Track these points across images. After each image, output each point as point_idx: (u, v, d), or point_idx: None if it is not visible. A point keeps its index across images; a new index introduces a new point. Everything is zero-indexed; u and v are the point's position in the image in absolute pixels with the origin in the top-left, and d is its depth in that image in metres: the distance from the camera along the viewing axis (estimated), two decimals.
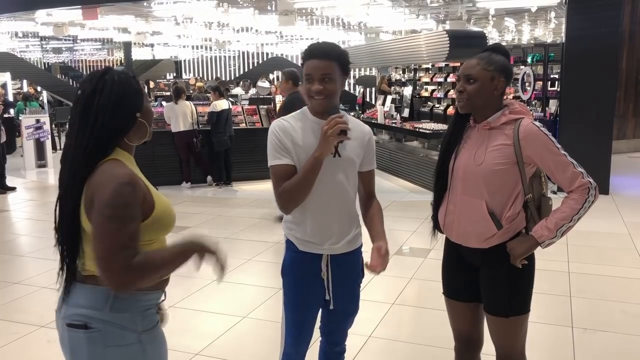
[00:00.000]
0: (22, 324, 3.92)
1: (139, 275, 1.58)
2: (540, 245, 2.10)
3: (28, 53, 27.02)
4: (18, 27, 15.60)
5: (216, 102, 8.79)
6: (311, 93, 2.15)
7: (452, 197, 2.23)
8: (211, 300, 4.44)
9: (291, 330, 2.35)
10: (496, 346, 2.27)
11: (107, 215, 1.55)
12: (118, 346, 1.64)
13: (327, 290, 2.26)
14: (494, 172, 2.11)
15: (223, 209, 7.60)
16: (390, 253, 2.21)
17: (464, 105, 2.18)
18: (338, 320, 2.39)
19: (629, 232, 6.08)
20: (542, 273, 4.68)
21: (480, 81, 2.12)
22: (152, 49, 25.51)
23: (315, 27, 16.11)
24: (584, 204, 2.07)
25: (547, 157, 2.10)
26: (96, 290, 1.64)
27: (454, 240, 2.27)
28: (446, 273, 2.38)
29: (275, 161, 2.16)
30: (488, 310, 2.22)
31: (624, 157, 10.68)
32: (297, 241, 2.25)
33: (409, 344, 3.66)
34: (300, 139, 2.17)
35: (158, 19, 14.45)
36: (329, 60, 2.12)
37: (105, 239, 1.55)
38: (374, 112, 10.90)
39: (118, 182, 1.57)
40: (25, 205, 8.23)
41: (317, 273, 2.25)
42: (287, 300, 2.33)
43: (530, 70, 9.33)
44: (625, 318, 3.99)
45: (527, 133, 2.09)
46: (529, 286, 2.21)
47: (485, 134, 2.17)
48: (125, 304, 1.65)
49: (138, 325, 1.67)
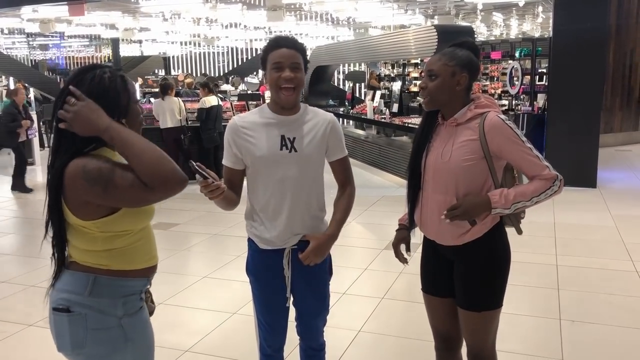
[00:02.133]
0: (9, 323, 3.89)
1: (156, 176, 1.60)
2: (491, 210, 2.07)
3: (14, 50, 26.75)
4: (4, 23, 15.46)
5: (205, 98, 8.75)
6: (280, 82, 2.09)
7: (424, 196, 2.23)
8: (201, 296, 4.44)
9: (263, 328, 2.34)
10: (467, 341, 2.28)
11: (90, 184, 1.60)
12: (98, 330, 1.69)
13: (287, 287, 2.25)
14: (462, 168, 2.10)
15: (212, 206, 7.48)
16: (380, 247, 2.23)
17: (426, 102, 2.18)
18: (305, 320, 2.38)
19: (615, 224, 6.14)
20: (529, 266, 4.75)
21: (441, 77, 2.11)
22: (140, 45, 25.36)
23: (304, 23, 16.09)
24: (547, 191, 2.06)
25: (512, 149, 2.08)
26: (77, 275, 1.72)
27: (430, 237, 2.28)
28: (423, 268, 2.39)
29: (225, 161, 2.28)
30: (461, 304, 2.22)
31: (611, 151, 10.77)
32: (256, 239, 2.29)
33: (399, 338, 3.67)
34: (255, 135, 2.17)
35: (146, 15, 14.35)
36: (296, 50, 2.12)
37: (116, 193, 1.60)
38: (364, 108, 10.90)
39: (84, 165, 1.62)
40: (12, 203, 8.16)
41: (280, 271, 2.25)
42: (255, 300, 2.34)
43: (518, 64, 9.37)
44: (612, 309, 4.03)
45: (491, 126, 2.08)
46: (502, 281, 2.20)
47: (452, 130, 2.16)
48: (104, 289, 1.71)
49: (118, 309, 1.72)
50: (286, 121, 2.19)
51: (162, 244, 1.91)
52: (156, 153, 1.61)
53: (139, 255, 1.79)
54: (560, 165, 2.32)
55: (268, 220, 2.24)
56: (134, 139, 1.62)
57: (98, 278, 1.71)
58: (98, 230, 1.68)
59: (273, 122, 2.18)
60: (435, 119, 2.26)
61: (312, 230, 2.26)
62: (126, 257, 1.75)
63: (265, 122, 2.19)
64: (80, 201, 1.65)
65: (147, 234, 1.82)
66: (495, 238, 2.18)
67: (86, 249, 1.72)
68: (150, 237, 1.85)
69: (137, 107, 1.79)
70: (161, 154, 1.62)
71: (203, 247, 5.87)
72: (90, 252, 1.72)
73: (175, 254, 5.47)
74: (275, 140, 2.17)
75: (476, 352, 2.26)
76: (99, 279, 1.71)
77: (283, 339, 2.38)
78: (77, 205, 1.66)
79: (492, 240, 2.17)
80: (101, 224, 1.68)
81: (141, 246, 1.79)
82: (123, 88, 1.73)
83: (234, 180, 2.29)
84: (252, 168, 2.23)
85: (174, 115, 8.76)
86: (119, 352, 1.73)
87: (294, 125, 2.20)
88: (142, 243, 1.79)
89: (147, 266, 1.82)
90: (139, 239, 1.78)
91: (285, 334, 2.39)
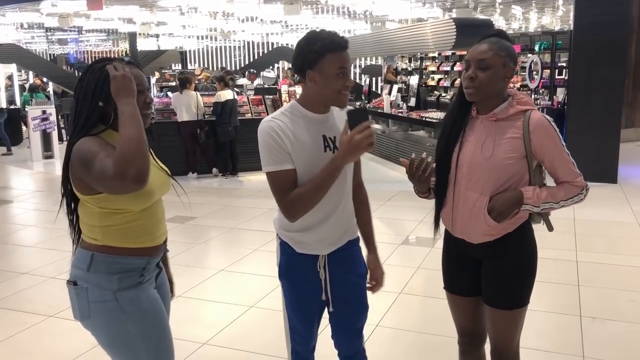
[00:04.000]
0: (30, 314, 3.94)
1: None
2: (522, 205, 2.04)
3: (34, 44, 27.03)
4: (23, 18, 15.60)
5: (220, 92, 8.77)
6: (343, 88, 1.99)
7: (456, 192, 2.15)
8: (218, 289, 4.45)
9: (297, 332, 2.25)
10: (492, 339, 2.24)
11: (80, 162, 1.74)
12: (98, 302, 1.85)
13: (324, 290, 2.17)
14: (504, 166, 2.05)
15: (229, 200, 7.61)
16: (397, 242, 2.21)
17: (473, 93, 2.06)
18: (347, 327, 2.26)
19: (637, 220, 6.05)
20: (550, 262, 4.70)
21: (494, 68, 2.02)
22: (157, 40, 25.45)
23: (320, 16, 16.03)
24: (574, 197, 2.07)
25: (553, 151, 2.04)
26: (81, 252, 1.90)
27: (457, 235, 2.20)
28: (447, 267, 2.32)
29: (275, 167, 1.98)
30: (488, 302, 2.18)
31: (632, 146, 10.60)
32: (295, 243, 2.14)
33: (416, 333, 3.66)
34: (298, 138, 2.01)
35: (163, 9, 14.40)
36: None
37: (93, 175, 1.71)
38: (380, 102, 10.85)
39: (82, 143, 1.78)
40: (32, 196, 8.27)
41: (315, 274, 2.16)
42: (289, 304, 2.23)
43: (537, 58, 9.26)
44: (633, 307, 3.97)
45: (538, 125, 2.03)
46: (530, 279, 2.16)
47: (491, 125, 2.09)
48: (100, 266, 1.85)
49: (113, 285, 1.85)
50: (323, 120, 2.08)
51: (179, 237, 1.94)
52: (137, 147, 1.67)
53: (133, 234, 1.87)
54: (581, 160, 2.29)
55: (309, 224, 2.09)
56: (133, 124, 1.72)
57: (95, 255, 1.85)
58: (96, 205, 1.82)
59: (312, 123, 2.04)
60: (468, 112, 2.16)
61: (352, 234, 2.22)
62: (120, 235, 1.85)
63: (305, 123, 2.04)
64: (77, 176, 1.79)
65: (148, 216, 1.91)
66: (525, 235, 2.15)
67: (88, 223, 1.87)
68: (153, 219, 1.93)
69: (140, 98, 1.87)
70: (140, 152, 1.67)
71: (220, 240, 5.90)
72: (91, 227, 1.86)
73: (193, 247, 5.50)
74: (318, 142, 2.04)
75: (501, 350, 2.22)
76: (96, 256, 1.85)
77: (315, 341, 2.30)
78: (76, 179, 1.80)
79: (522, 237, 2.14)
80: (98, 200, 1.81)
81: (139, 226, 1.88)
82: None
83: (294, 181, 2.02)
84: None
85: (191, 108, 8.79)
86: (117, 322, 1.86)
87: (329, 124, 2.09)
88: (140, 223, 1.88)
89: (144, 246, 1.90)
90: (138, 219, 1.87)
91: (316, 337, 2.31)
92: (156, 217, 1.94)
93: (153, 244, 1.93)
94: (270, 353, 3.35)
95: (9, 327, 3.77)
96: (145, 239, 1.91)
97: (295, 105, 2.07)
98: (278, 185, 1.99)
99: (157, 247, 1.96)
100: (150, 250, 1.93)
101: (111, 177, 1.65)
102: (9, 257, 5.41)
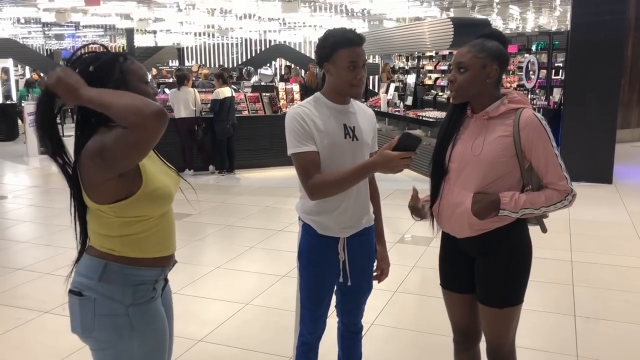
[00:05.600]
0: (25, 310, 3.94)
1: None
2: (499, 210, 2.05)
3: (30, 39, 26.94)
4: (20, 13, 15.55)
5: (219, 89, 8.76)
6: (355, 81, 2.17)
7: (446, 187, 2.19)
8: (214, 287, 4.46)
9: (308, 313, 2.38)
10: (487, 337, 2.25)
11: (92, 159, 1.62)
12: (106, 315, 1.70)
13: (342, 271, 2.33)
14: (492, 164, 2.06)
15: (226, 197, 7.60)
16: (393, 241, 2.24)
17: (455, 96, 2.14)
18: (352, 299, 2.44)
19: (632, 221, 6.07)
20: (545, 262, 4.71)
21: (471, 70, 2.06)
22: (154, 36, 25.43)
23: (318, 14, 16.03)
24: (557, 203, 2.06)
25: (541, 149, 2.04)
26: (91, 260, 1.75)
27: (446, 231, 2.24)
28: (442, 264, 2.35)
29: (302, 148, 2.16)
30: (481, 300, 2.19)
31: (627, 147, 10.64)
32: (317, 225, 2.29)
33: (412, 331, 3.67)
34: (322, 124, 2.20)
35: (160, 5, 14.38)
36: (362, 46, 2.19)
37: (111, 154, 1.58)
38: (377, 100, 10.86)
39: (86, 147, 1.66)
40: (28, 191, 8.24)
41: (335, 255, 2.31)
42: (304, 284, 2.36)
43: (534, 58, 9.28)
44: (628, 307, 3.99)
45: (527, 123, 2.04)
46: (524, 277, 2.17)
47: (483, 124, 2.11)
48: (114, 276, 1.72)
49: (127, 298, 1.72)
50: (344, 110, 2.26)
51: (176, 234, 1.92)
52: (127, 96, 1.56)
53: (152, 243, 1.78)
54: (576, 160, 2.30)
55: (332, 208, 2.26)
56: (108, 93, 1.58)
57: (109, 264, 1.72)
58: (115, 214, 1.70)
59: (334, 111, 2.24)
60: (463, 111, 2.20)
61: (368, 221, 2.37)
62: (139, 244, 1.75)
63: (328, 110, 2.23)
64: (94, 182, 1.66)
65: (164, 223, 1.81)
66: (518, 234, 2.15)
67: (102, 234, 1.74)
68: (167, 226, 1.84)
69: (146, 88, 1.78)
70: (132, 95, 1.58)
71: (216, 237, 5.90)
72: (105, 237, 1.73)
73: (189, 244, 5.50)
74: (339, 129, 2.23)
75: (496, 347, 2.23)
76: (109, 265, 1.72)
77: (324, 327, 2.44)
78: (92, 187, 1.67)
79: (515, 236, 2.15)
80: (117, 209, 1.68)
81: (156, 234, 1.79)
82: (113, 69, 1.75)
83: (317, 163, 2.19)
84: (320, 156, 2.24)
85: (188, 105, 8.78)
86: (125, 340, 1.72)
87: (349, 115, 2.28)
88: (157, 231, 1.79)
89: (159, 256, 1.81)
90: (155, 226, 1.77)
91: (324, 325, 2.44)
92: (172, 222, 1.87)
93: (168, 252, 1.85)
94: (266, 350, 3.36)
95: (4, 323, 3.76)
96: (162, 247, 1.82)
97: (319, 96, 2.28)
98: (302, 165, 2.17)
99: (171, 256, 1.87)
100: (164, 261, 1.84)
101: (131, 131, 1.52)
102: (4, 252, 5.40)
